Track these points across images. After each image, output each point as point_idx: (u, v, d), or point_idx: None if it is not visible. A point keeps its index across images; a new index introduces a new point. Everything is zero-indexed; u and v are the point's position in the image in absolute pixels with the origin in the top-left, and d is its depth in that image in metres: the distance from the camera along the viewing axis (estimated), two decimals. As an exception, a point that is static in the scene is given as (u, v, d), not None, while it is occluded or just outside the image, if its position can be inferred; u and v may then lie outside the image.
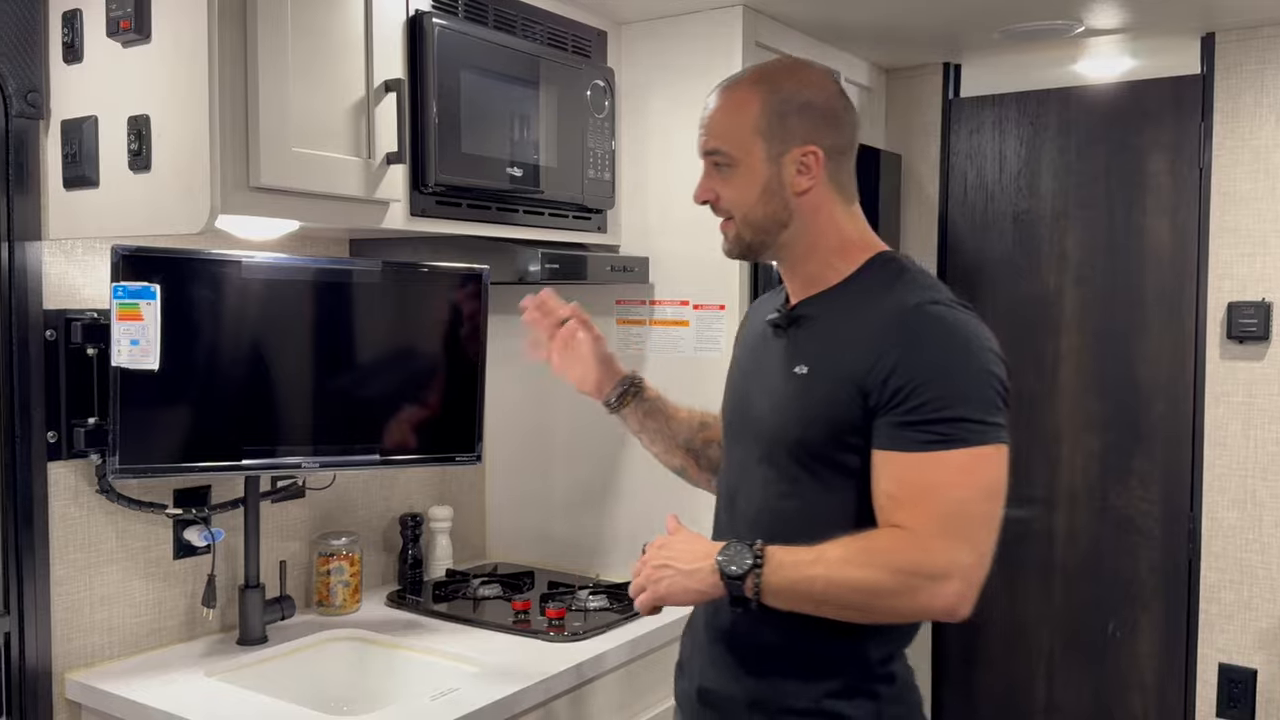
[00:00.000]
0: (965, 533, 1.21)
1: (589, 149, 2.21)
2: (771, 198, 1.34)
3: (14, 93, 1.69)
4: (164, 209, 1.59)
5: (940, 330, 1.25)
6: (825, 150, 1.33)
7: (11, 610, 1.71)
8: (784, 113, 1.32)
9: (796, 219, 1.34)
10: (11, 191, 1.70)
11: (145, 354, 1.68)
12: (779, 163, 1.33)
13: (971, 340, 1.24)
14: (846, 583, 1.21)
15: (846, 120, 1.36)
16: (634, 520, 2.39)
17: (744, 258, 1.43)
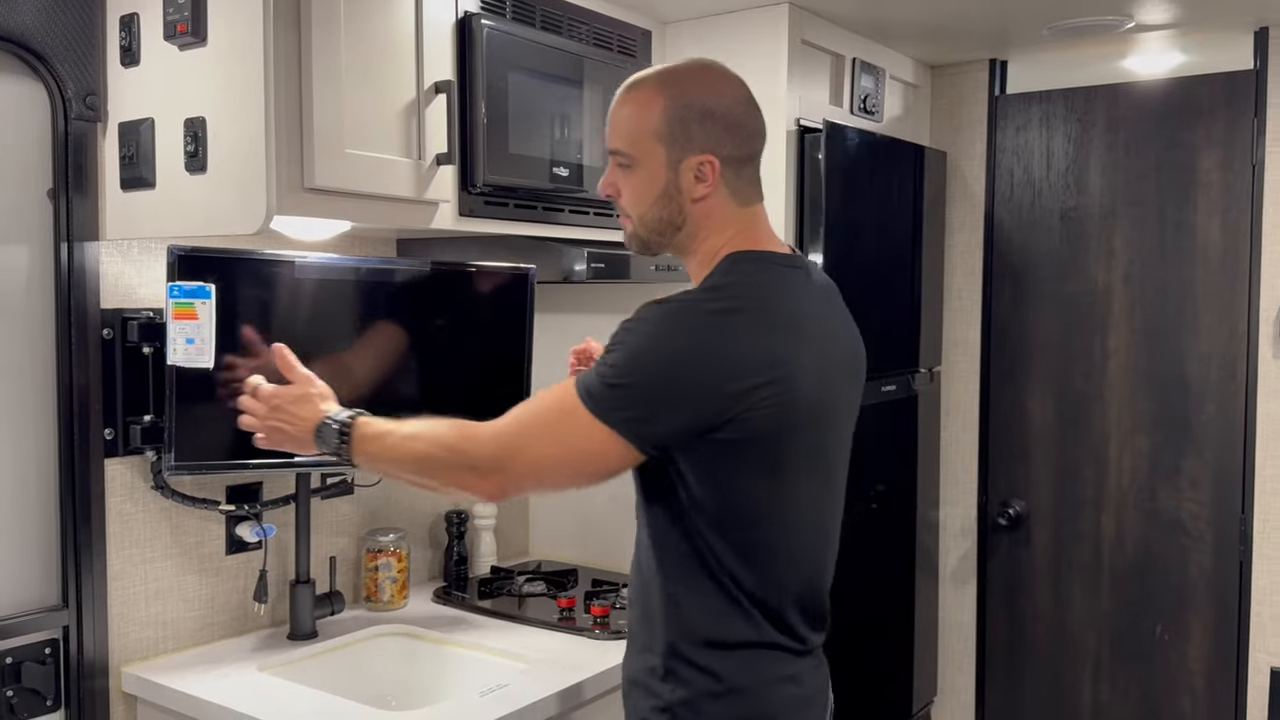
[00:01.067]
0: (522, 449, 1.31)
1: (634, 148, 2.21)
2: (668, 202, 1.36)
3: (73, 96, 1.72)
4: (220, 210, 1.61)
5: (642, 315, 1.29)
6: (723, 159, 1.34)
7: (70, 604, 1.75)
8: (685, 119, 1.33)
9: (689, 222, 1.37)
10: (70, 193, 1.73)
11: (200, 353, 1.71)
12: (677, 169, 1.34)
13: (655, 332, 1.27)
14: (409, 453, 1.38)
15: (749, 129, 1.37)
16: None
17: (641, 252, 1.45)
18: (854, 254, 2.46)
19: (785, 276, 1.35)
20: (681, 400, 1.24)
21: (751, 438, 1.26)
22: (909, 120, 2.79)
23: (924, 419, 2.81)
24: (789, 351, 1.28)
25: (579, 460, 1.29)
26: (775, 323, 1.29)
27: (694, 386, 1.24)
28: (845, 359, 1.42)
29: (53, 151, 1.72)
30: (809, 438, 1.33)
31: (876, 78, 2.60)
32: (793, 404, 1.27)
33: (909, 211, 2.70)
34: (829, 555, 1.44)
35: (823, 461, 1.38)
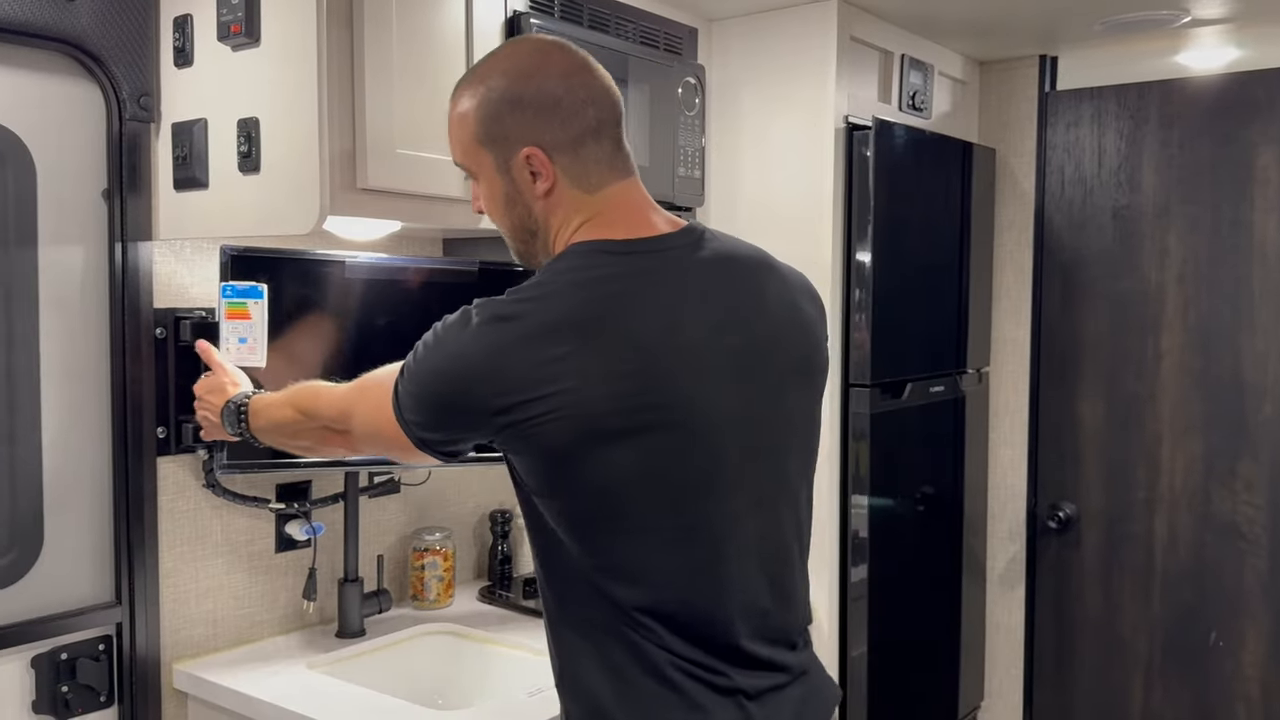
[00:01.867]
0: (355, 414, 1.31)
1: (679, 146, 2.20)
2: (514, 206, 1.23)
3: (127, 96, 1.73)
4: (273, 210, 1.61)
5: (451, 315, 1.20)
6: (548, 147, 1.18)
7: (123, 601, 1.76)
8: (497, 115, 1.19)
9: (541, 223, 1.23)
10: (125, 193, 1.74)
11: (252, 352, 1.71)
12: (509, 171, 1.21)
13: (441, 337, 1.18)
14: (282, 420, 1.45)
15: (572, 103, 1.18)
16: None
17: (527, 266, 1.30)
18: (902, 252, 2.43)
19: (622, 265, 1.16)
20: (453, 413, 1.17)
21: (549, 453, 1.12)
22: (958, 117, 2.76)
23: (972, 420, 2.78)
24: (588, 356, 1.10)
25: (391, 442, 1.25)
26: (571, 324, 1.11)
27: (461, 400, 1.15)
28: (742, 350, 1.19)
29: (107, 152, 1.74)
30: (655, 447, 1.12)
31: (925, 74, 2.57)
32: (595, 413, 1.10)
33: (957, 209, 2.67)
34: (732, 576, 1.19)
35: (702, 472, 1.16)
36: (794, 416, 1.26)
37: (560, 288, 1.15)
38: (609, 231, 1.19)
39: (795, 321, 1.26)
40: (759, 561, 1.22)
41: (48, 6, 1.61)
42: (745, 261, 1.25)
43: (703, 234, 1.24)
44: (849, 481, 2.34)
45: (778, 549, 1.25)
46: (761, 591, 1.22)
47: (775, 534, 1.24)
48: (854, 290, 2.32)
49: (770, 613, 1.23)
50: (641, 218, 1.22)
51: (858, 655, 2.37)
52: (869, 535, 2.34)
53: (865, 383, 2.31)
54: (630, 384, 1.11)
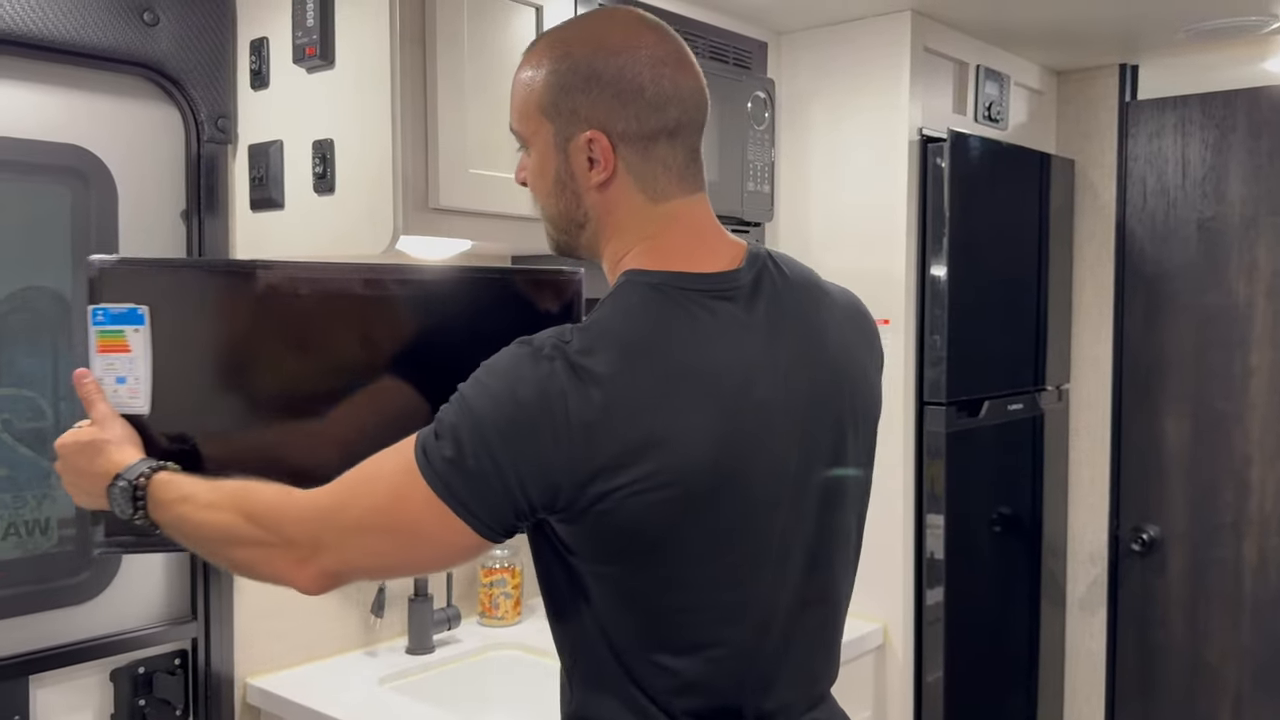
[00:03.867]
0: (346, 527, 1.03)
1: (749, 161, 2.18)
2: (563, 191, 1.10)
3: (205, 119, 1.76)
4: (348, 230, 1.63)
5: (494, 357, 1.03)
6: (616, 136, 1.05)
7: (198, 616, 1.78)
8: (569, 86, 1.06)
9: (592, 218, 1.10)
10: (202, 213, 1.77)
11: (134, 395, 1.27)
12: (566, 150, 1.07)
13: (484, 371, 1.02)
14: (209, 527, 1.10)
15: (655, 96, 1.05)
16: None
17: (560, 254, 1.18)
18: (978, 266, 2.37)
19: (695, 307, 1.03)
20: (520, 485, 0.97)
21: (628, 526, 0.99)
22: (1034, 128, 2.69)
23: (1051, 439, 2.70)
24: (675, 418, 0.99)
25: (415, 545, 1.02)
26: (657, 379, 0.99)
27: (532, 468, 0.97)
28: (808, 403, 1.08)
29: (186, 173, 1.77)
30: (724, 516, 1.02)
31: (1001, 84, 2.51)
32: (678, 486, 0.98)
33: (1035, 222, 2.60)
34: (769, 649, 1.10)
35: (764, 540, 1.06)
36: (849, 467, 1.16)
37: (643, 332, 1.01)
38: (678, 259, 1.07)
39: (852, 365, 1.16)
40: (812, 625, 1.14)
41: (130, 31, 1.65)
42: (804, 295, 1.13)
43: (767, 266, 1.11)
44: (923, 501, 2.29)
45: (832, 609, 1.17)
46: (808, 653, 1.14)
47: (830, 593, 1.16)
48: (929, 306, 2.27)
49: (817, 676, 1.16)
50: (710, 243, 1.10)
51: (933, 680, 2.31)
52: (944, 557, 2.28)
53: (941, 401, 2.26)
54: (710, 450, 0.99)
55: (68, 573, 1.64)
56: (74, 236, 1.65)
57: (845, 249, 2.28)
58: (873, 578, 2.26)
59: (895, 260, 2.23)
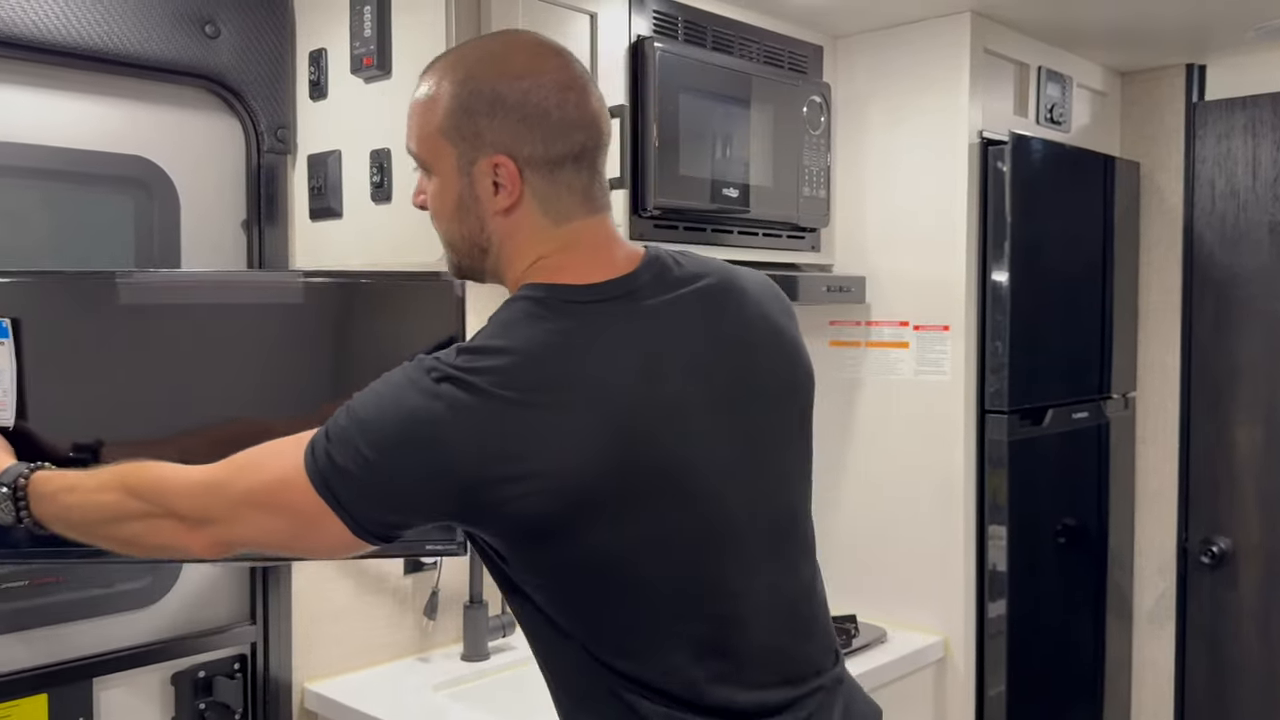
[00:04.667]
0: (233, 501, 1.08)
1: (804, 166, 2.16)
2: (466, 215, 1.10)
3: (265, 129, 1.78)
4: (404, 239, 1.63)
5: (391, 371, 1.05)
6: (523, 161, 1.05)
7: (257, 620, 1.80)
8: (472, 110, 1.05)
9: (494, 242, 1.10)
10: (262, 223, 1.79)
11: (1, 406, 1.31)
12: (470, 174, 1.07)
13: (379, 382, 1.04)
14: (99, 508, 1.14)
15: (561, 120, 1.05)
16: (851, 551, 2.32)
17: (462, 278, 1.19)
18: (1040, 271, 2.32)
19: (589, 314, 1.04)
20: (408, 487, 1.00)
21: (531, 532, 1.01)
22: (1098, 130, 2.63)
23: (1117, 448, 2.63)
24: (566, 421, 0.99)
25: (296, 530, 1.05)
26: (543, 386, 1.00)
27: (419, 471, 0.99)
28: (727, 387, 1.09)
29: (246, 184, 1.79)
30: (649, 514, 1.03)
31: (1063, 86, 2.46)
32: (580, 485, 0.99)
33: (1099, 226, 2.54)
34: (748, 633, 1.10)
35: (703, 533, 1.06)
36: (791, 444, 1.16)
37: (524, 344, 1.01)
38: (568, 274, 1.07)
39: (774, 341, 1.16)
40: (774, 609, 1.12)
41: (191, 44, 1.67)
42: (714, 287, 1.12)
43: (665, 264, 1.12)
44: (985, 512, 2.24)
45: (795, 588, 1.16)
46: (780, 635, 1.13)
47: (789, 576, 1.15)
48: (990, 311, 2.22)
49: (788, 652, 1.14)
50: (604, 257, 1.09)
51: (995, 695, 2.26)
52: (1007, 569, 2.23)
53: (1003, 409, 2.21)
54: (614, 449, 1.00)
55: (130, 577, 1.66)
56: (137, 247, 1.68)
57: (903, 254, 2.25)
58: (933, 590, 2.22)
59: (955, 265, 2.19)
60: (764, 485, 1.12)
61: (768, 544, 1.12)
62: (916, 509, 2.24)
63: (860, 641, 2.13)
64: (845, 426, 2.33)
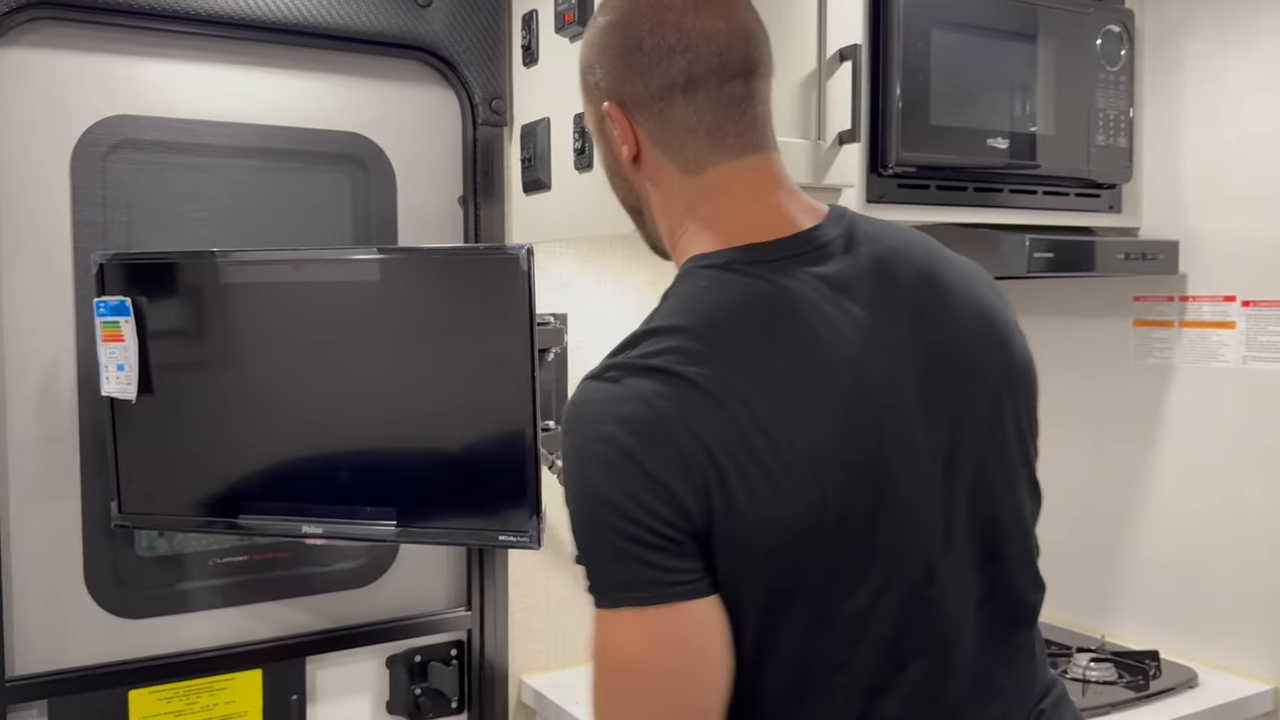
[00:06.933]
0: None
1: (1097, 110, 1.80)
2: (615, 177, 1.01)
3: (480, 101, 1.71)
4: (604, 208, 1.48)
5: (566, 427, 0.87)
6: (627, 103, 0.92)
7: (473, 607, 1.75)
8: (590, 62, 0.97)
9: (645, 201, 0.99)
10: (479, 199, 1.73)
11: (129, 381, 1.42)
12: (603, 130, 0.98)
13: (576, 441, 0.85)
14: None
15: (655, 48, 0.90)
16: (1153, 573, 1.93)
17: (658, 254, 1.04)
18: None
19: (776, 288, 0.87)
20: (657, 529, 0.81)
21: (743, 546, 0.83)
22: None
23: None
24: (774, 418, 0.82)
25: (677, 673, 0.83)
26: (744, 380, 0.83)
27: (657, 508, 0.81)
28: (940, 373, 0.90)
29: (463, 158, 1.73)
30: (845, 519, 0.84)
31: None
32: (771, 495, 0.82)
33: None
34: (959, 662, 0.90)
35: (911, 539, 0.87)
36: (1009, 441, 0.95)
37: (714, 320, 0.85)
38: (736, 237, 0.90)
39: (988, 324, 0.95)
40: (987, 633, 0.93)
41: (402, 14, 1.63)
42: (918, 255, 0.94)
43: (855, 221, 0.95)
44: (1337, 534, 1.78)
45: (1015, 608, 0.96)
46: (990, 666, 0.93)
47: (1008, 590, 0.95)
48: (1347, 283, 1.76)
49: (1003, 690, 0.94)
50: (771, 210, 0.92)
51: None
52: (1367, 608, 1.76)
53: (1363, 406, 1.74)
54: (833, 442, 0.84)
55: (347, 557, 1.66)
56: (354, 225, 1.67)
57: (1231, 213, 1.83)
58: (1261, 625, 1.80)
59: (1300, 225, 1.75)
60: (981, 491, 0.92)
61: (978, 554, 0.93)
62: (1242, 526, 1.82)
63: (1162, 684, 1.76)
64: (1150, 423, 1.94)
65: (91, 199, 1.47)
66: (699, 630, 0.83)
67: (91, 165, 1.47)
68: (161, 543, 1.56)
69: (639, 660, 0.83)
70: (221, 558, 1.58)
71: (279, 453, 1.45)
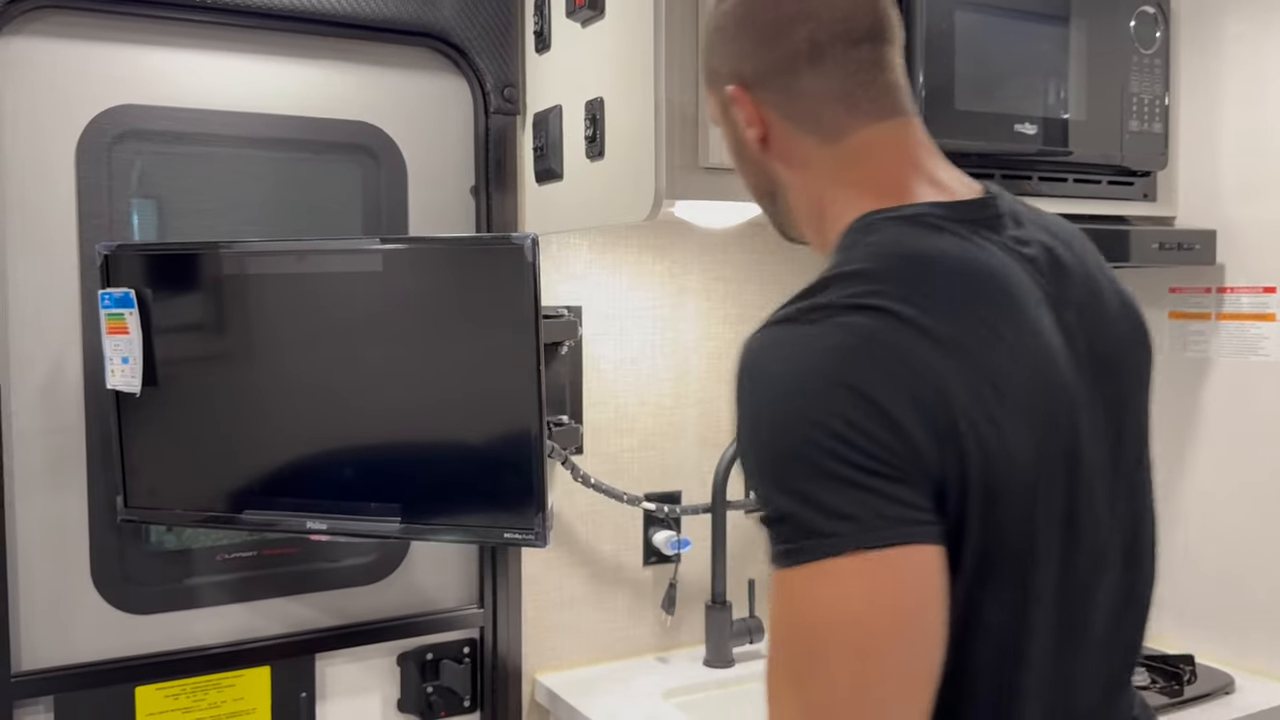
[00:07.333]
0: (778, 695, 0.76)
1: (1131, 95, 1.73)
2: (743, 164, 0.98)
3: (491, 88, 1.68)
4: (614, 198, 1.47)
5: (746, 377, 0.78)
6: (749, 82, 0.90)
7: (485, 605, 1.72)
8: (711, 46, 0.96)
9: (778, 184, 0.95)
10: (490, 189, 1.69)
11: (134, 375, 1.40)
12: (728, 117, 0.95)
13: (768, 385, 0.75)
14: None
15: (772, 20, 0.88)
16: (1189, 574, 1.86)
17: (788, 239, 1.02)
18: None
19: (973, 245, 0.83)
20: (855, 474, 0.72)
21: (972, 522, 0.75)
22: None
23: None
24: (978, 372, 0.76)
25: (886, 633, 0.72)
26: (947, 324, 0.76)
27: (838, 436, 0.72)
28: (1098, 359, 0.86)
29: (475, 148, 1.70)
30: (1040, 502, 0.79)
31: None
32: (999, 450, 0.75)
33: None
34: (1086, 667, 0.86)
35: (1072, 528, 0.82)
36: (1143, 431, 0.94)
37: (913, 278, 0.78)
38: (906, 196, 0.86)
39: (1134, 322, 0.94)
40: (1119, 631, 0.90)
41: (412, 1, 1.60)
42: (1075, 244, 0.92)
43: (1013, 202, 0.91)
44: (1383, 535, 1.71)
45: (1144, 612, 0.94)
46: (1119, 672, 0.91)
47: (1142, 593, 0.93)
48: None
49: (1124, 692, 0.93)
50: (927, 175, 0.88)
51: (1393, 774, 1.72)
52: None
53: None
54: (1038, 411, 0.79)
55: (357, 553, 1.64)
56: (364, 216, 1.64)
57: (1273, 203, 1.76)
58: (1302, 630, 1.73)
59: (1344, 212, 1.68)
60: (1130, 488, 0.91)
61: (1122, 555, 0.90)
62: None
63: (1197, 690, 1.69)
64: (1187, 418, 1.88)
65: (97, 190, 1.45)
66: (931, 583, 0.72)
67: (97, 155, 1.45)
68: (170, 537, 1.54)
69: (861, 614, 0.71)
70: (230, 553, 1.56)
71: (284, 447, 1.42)
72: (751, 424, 0.76)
